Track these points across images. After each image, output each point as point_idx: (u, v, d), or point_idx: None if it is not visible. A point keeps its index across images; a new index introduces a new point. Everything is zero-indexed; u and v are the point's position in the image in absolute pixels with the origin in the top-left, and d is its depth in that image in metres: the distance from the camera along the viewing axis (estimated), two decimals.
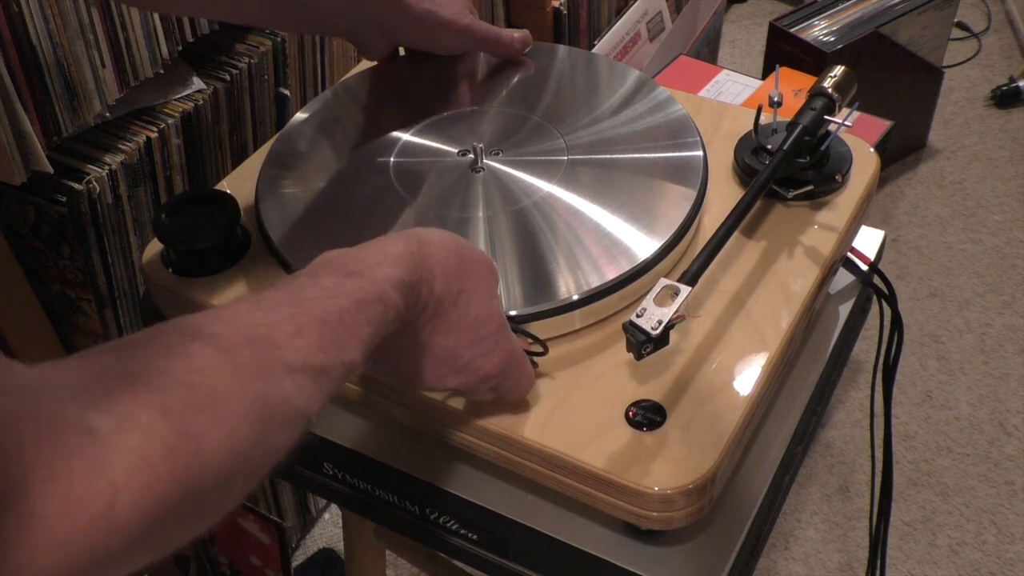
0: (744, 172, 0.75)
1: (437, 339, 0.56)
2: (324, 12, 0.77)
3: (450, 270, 0.55)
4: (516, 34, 0.83)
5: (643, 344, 0.57)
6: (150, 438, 0.36)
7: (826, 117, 0.72)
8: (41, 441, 0.33)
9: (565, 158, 0.74)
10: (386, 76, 0.85)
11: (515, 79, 0.83)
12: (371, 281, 0.50)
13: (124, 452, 0.35)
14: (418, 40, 0.81)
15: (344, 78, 0.87)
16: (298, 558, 1.45)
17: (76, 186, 0.91)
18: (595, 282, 0.65)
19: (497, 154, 0.75)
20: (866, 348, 1.00)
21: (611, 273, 0.65)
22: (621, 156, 0.74)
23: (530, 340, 0.63)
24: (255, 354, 0.43)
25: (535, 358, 0.63)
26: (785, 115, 0.74)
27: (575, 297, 0.65)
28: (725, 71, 1.49)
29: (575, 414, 0.62)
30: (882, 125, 1.38)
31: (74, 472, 0.33)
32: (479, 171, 0.74)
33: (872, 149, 0.78)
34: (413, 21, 0.77)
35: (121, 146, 0.96)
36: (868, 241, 0.83)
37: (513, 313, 0.63)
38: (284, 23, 0.88)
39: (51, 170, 0.89)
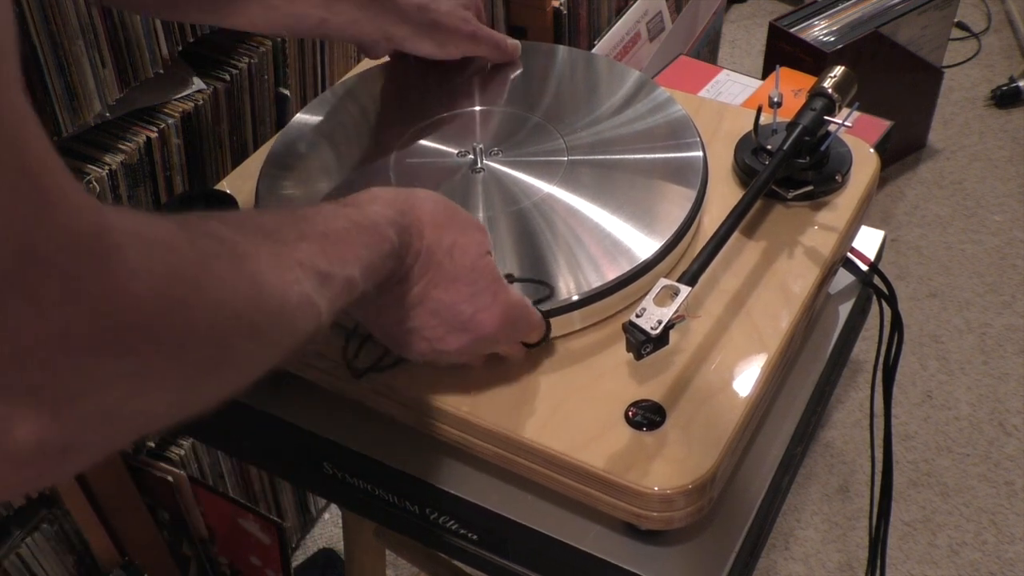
0: (744, 172, 0.75)
1: (435, 292, 0.57)
2: (331, 25, 0.76)
3: (439, 221, 0.58)
4: (509, 41, 0.83)
5: (643, 344, 0.57)
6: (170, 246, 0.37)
7: (826, 117, 0.72)
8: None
9: (565, 159, 0.74)
10: (386, 76, 0.85)
11: (515, 80, 0.83)
12: (364, 213, 0.53)
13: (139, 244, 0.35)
14: (423, 48, 0.80)
15: (344, 78, 0.87)
16: (298, 558, 1.45)
17: None
18: (595, 282, 0.65)
19: (497, 155, 0.75)
20: (866, 348, 1.00)
21: (611, 273, 0.65)
22: (621, 157, 0.74)
23: (530, 282, 0.63)
24: (267, 242, 0.45)
25: (542, 310, 0.63)
26: (785, 115, 0.74)
27: (575, 297, 0.65)
28: (725, 71, 1.49)
29: (575, 414, 0.62)
30: (882, 125, 1.38)
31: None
32: (479, 172, 0.74)
33: (872, 149, 0.78)
34: (418, 31, 0.77)
35: (121, 146, 0.96)
36: (868, 241, 0.83)
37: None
38: (293, 33, 0.88)
39: None
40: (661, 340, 0.57)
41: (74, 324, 0.32)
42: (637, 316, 0.58)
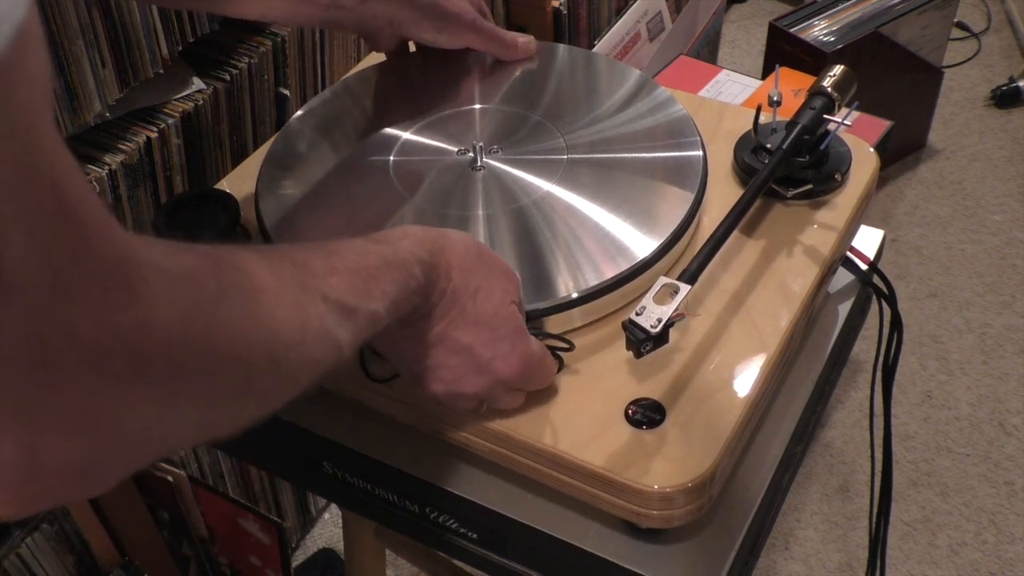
0: (744, 171, 0.75)
1: (455, 333, 0.58)
2: (342, 5, 0.77)
3: (468, 264, 0.58)
4: (520, 38, 0.83)
5: (643, 342, 0.57)
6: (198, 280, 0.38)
7: (825, 116, 0.72)
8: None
9: (565, 157, 0.74)
10: (385, 75, 0.85)
11: (515, 78, 0.83)
12: (395, 250, 0.54)
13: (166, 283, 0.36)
14: (424, 32, 0.80)
15: (344, 77, 0.87)
16: (298, 558, 1.45)
17: None
18: (594, 280, 0.65)
19: (497, 153, 0.75)
20: (866, 348, 1.00)
21: (610, 272, 0.66)
22: (621, 155, 0.74)
23: (554, 339, 0.63)
24: (295, 272, 0.46)
25: (562, 353, 0.63)
26: (785, 115, 0.74)
27: (575, 295, 0.65)
28: (725, 71, 1.49)
29: (575, 412, 0.62)
30: (882, 125, 1.38)
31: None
32: (479, 170, 0.74)
33: (872, 149, 0.78)
34: (418, 12, 0.78)
35: (121, 146, 0.96)
36: (868, 241, 0.83)
37: (529, 308, 0.63)
38: (296, 18, 0.88)
39: None
40: (661, 338, 0.58)
41: (102, 352, 0.33)
42: (637, 314, 0.58)
